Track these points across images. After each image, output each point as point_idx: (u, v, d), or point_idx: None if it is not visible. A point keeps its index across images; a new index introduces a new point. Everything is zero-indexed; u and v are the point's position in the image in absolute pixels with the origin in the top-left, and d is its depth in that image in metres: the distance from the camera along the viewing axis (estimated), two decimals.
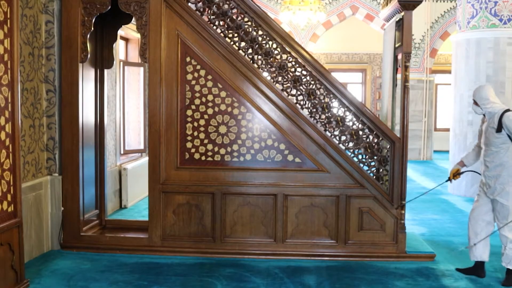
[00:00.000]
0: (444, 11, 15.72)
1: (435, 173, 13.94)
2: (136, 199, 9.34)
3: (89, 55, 6.32)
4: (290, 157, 6.18)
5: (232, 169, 6.25)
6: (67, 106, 6.31)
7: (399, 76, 6.27)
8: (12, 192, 4.82)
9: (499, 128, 5.35)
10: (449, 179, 6.00)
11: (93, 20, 6.23)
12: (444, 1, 15.66)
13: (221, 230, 6.26)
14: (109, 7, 6.21)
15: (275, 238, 6.26)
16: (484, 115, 5.64)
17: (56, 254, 6.22)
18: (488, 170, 5.51)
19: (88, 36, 6.26)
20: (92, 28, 6.26)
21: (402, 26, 6.16)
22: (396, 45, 6.44)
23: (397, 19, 6.37)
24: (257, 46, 6.35)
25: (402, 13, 6.13)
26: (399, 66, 6.35)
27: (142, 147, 9.75)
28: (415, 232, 7.42)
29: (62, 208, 6.36)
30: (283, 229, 6.24)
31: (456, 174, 5.96)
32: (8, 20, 4.73)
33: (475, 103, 5.61)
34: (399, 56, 6.32)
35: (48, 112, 6.30)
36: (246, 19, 6.34)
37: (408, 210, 8.55)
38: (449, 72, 12.87)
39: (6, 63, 4.71)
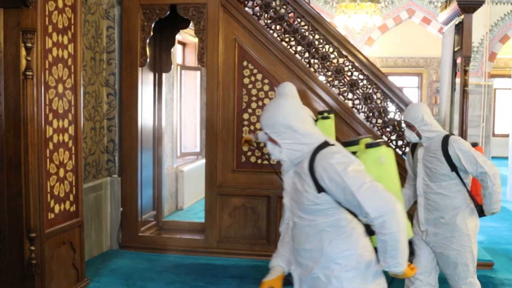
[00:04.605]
0: (504, 14, 15.31)
1: None
2: (192, 201, 9.45)
3: (148, 59, 6.44)
4: None
5: None
6: (126, 109, 6.46)
7: (457, 80, 6.16)
8: (74, 192, 4.95)
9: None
10: None
11: (152, 25, 6.36)
12: (504, 4, 15.27)
13: (276, 233, 6.26)
14: (168, 12, 6.32)
15: None
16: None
17: (115, 254, 6.36)
18: None
19: (148, 40, 6.39)
20: (151, 33, 6.38)
21: (461, 30, 6.04)
22: (455, 49, 6.34)
23: (456, 22, 6.26)
24: (313, 50, 6.35)
25: (462, 16, 6.03)
26: (458, 70, 6.25)
27: (198, 150, 9.87)
28: None
29: (121, 209, 6.50)
30: None
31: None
32: (72, 26, 4.86)
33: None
34: (458, 60, 6.22)
35: (108, 115, 6.45)
36: (302, 23, 6.35)
37: None
38: (508, 76, 12.57)
39: (70, 68, 4.85)
